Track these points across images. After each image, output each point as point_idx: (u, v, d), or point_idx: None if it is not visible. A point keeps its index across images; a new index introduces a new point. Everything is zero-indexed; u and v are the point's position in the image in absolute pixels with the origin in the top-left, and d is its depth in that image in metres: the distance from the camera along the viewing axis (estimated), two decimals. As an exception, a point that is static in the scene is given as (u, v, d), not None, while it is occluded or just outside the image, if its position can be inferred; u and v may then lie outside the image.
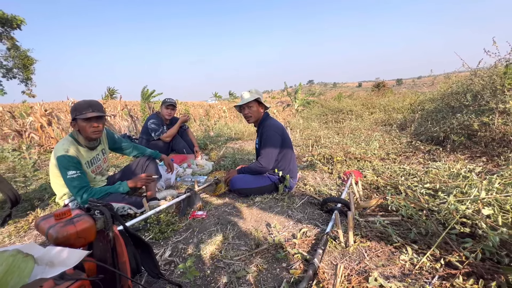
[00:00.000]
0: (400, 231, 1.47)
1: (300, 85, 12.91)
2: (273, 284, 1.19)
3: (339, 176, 2.61)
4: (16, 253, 0.77)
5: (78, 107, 1.74)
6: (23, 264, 0.74)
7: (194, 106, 16.60)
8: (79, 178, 1.72)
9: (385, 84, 15.60)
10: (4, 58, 12.38)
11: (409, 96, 7.86)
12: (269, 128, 2.17)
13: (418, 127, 3.88)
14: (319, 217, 1.81)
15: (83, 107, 1.73)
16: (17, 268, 0.73)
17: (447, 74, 5.64)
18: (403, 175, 2.31)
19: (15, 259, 0.75)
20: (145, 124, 3.43)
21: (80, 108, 1.73)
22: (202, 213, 1.93)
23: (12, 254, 0.76)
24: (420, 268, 1.20)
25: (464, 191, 1.54)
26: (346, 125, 5.43)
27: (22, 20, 11.70)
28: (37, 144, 5.06)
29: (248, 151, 4.10)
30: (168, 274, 1.32)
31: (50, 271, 0.76)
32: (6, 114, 7.61)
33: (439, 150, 2.94)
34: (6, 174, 3.37)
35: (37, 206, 2.25)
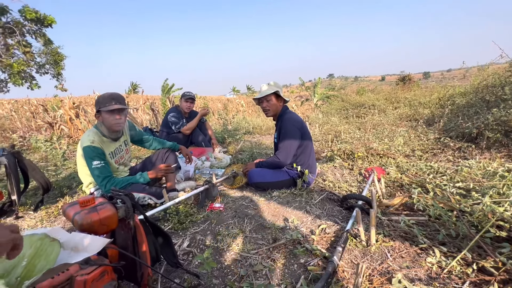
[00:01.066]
0: (426, 232, 1.39)
1: (319, 79, 12.59)
2: (290, 280, 1.17)
3: (360, 172, 2.51)
4: (44, 237, 0.79)
5: (101, 99, 1.80)
6: (50, 248, 0.77)
7: (212, 100, 16.78)
8: (102, 168, 1.79)
9: (411, 77, 14.77)
10: (38, 55, 13.17)
11: (438, 90, 7.40)
12: (288, 122, 2.12)
13: (448, 123, 3.64)
14: (338, 214, 1.75)
15: (106, 99, 1.80)
16: (44, 252, 0.76)
17: (481, 66, 5.23)
18: (430, 173, 2.17)
19: (43, 242, 0.78)
20: (165, 118, 3.50)
21: (104, 100, 1.79)
22: (220, 206, 1.94)
23: (40, 238, 0.79)
24: (449, 272, 1.12)
25: (501, 192, 1.41)
26: (368, 120, 5.22)
27: (53, 19, 12.36)
28: (66, 135, 5.36)
29: (266, 145, 4.07)
30: (186, 264, 1.34)
31: (75, 256, 0.78)
32: (39, 108, 8.14)
33: (471, 148, 2.74)
34: (39, 163, 3.60)
35: (66, 193, 2.38)
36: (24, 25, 11.88)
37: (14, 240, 0.48)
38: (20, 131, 5.89)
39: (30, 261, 0.73)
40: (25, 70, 12.18)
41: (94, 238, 0.84)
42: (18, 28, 11.55)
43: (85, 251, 0.80)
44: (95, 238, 0.84)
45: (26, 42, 12.23)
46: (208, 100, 14.80)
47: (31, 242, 0.78)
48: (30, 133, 5.70)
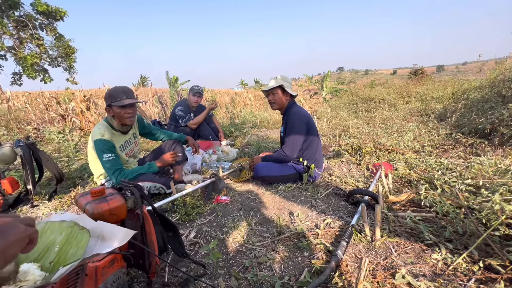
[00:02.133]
0: (433, 229, 1.37)
1: (328, 73, 12.38)
2: (294, 272, 1.19)
3: (368, 168, 2.49)
4: (73, 225, 0.83)
5: (113, 94, 1.82)
6: (79, 236, 0.80)
7: (220, 93, 16.79)
8: (113, 160, 1.84)
9: (424, 71, 14.33)
10: (50, 48, 13.43)
11: (451, 84, 7.18)
12: (294, 116, 2.12)
13: (460, 118, 3.55)
14: (344, 209, 1.75)
15: (118, 94, 1.82)
16: (75, 239, 0.79)
17: (499, 60, 5.03)
18: (439, 170, 2.13)
19: (72, 230, 0.81)
20: (173, 111, 3.54)
21: (115, 95, 1.82)
22: (226, 198, 1.97)
23: (70, 225, 0.82)
24: (455, 269, 1.11)
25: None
26: (377, 115, 5.13)
27: (65, 12, 12.52)
28: (78, 127, 5.49)
29: (273, 139, 4.07)
30: (192, 254, 1.38)
31: (102, 245, 0.81)
32: (52, 100, 8.34)
33: (484, 144, 2.67)
34: (52, 154, 3.72)
35: (78, 184, 2.46)
36: (36, 18, 12.09)
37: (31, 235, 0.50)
38: (34, 123, 6.07)
39: (61, 247, 0.76)
40: (38, 63, 12.46)
41: (120, 229, 0.86)
42: (31, 21, 11.77)
43: (112, 241, 0.82)
44: (121, 228, 0.87)
45: (39, 35, 12.46)
46: (216, 93, 14.81)
47: (61, 228, 0.81)
48: (43, 125, 5.86)
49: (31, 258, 0.72)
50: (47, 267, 0.70)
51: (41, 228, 0.80)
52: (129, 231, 0.85)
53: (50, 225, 0.83)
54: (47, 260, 0.72)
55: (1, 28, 10.77)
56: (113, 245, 0.80)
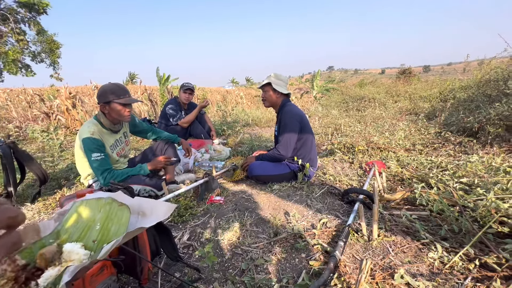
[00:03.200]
0: (428, 227, 1.38)
1: (318, 71, 12.45)
2: (292, 274, 1.16)
3: (361, 166, 2.50)
4: (111, 201, 0.79)
5: (114, 90, 1.75)
6: (120, 212, 0.76)
7: (211, 91, 16.61)
8: (102, 160, 1.75)
9: (411, 70, 14.66)
10: (33, 43, 12.89)
11: (438, 84, 7.36)
12: (287, 115, 2.10)
13: (449, 117, 3.62)
14: (339, 208, 1.74)
15: (120, 91, 1.77)
16: (115, 216, 0.75)
17: (482, 60, 5.18)
18: (431, 168, 2.16)
19: (111, 207, 0.78)
20: (163, 109, 3.45)
21: (117, 92, 1.76)
22: (220, 199, 1.93)
23: (108, 202, 0.78)
24: (451, 268, 1.12)
25: (505, 188, 1.40)
26: (368, 114, 5.18)
27: (47, 3, 12.01)
28: (63, 126, 5.29)
29: (266, 138, 4.04)
30: (186, 258, 1.33)
31: (144, 220, 0.77)
32: (36, 97, 8.01)
33: (472, 142, 2.73)
34: (36, 154, 3.55)
35: (63, 185, 2.35)
36: (18, 12, 11.56)
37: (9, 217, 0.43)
38: (16, 121, 5.81)
39: (103, 225, 0.72)
40: (19, 58, 11.93)
41: (160, 203, 0.81)
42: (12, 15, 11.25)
43: (153, 216, 0.77)
44: (161, 203, 0.81)
45: (20, 29, 11.93)
46: (207, 91, 14.65)
47: (99, 206, 0.77)
48: (26, 123, 5.61)
49: (74, 237, 0.69)
50: (91, 245, 0.68)
51: (77, 208, 0.77)
52: (170, 204, 0.80)
53: (88, 203, 0.79)
54: (90, 239, 0.70)
55: (-21, 21, 10.25)
56: (158, 218, 0.76)
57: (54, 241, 0.68)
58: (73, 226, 0.72)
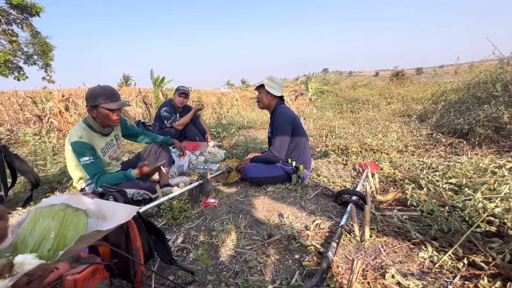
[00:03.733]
0: (419, 227, 1.41)
1: (313, 74, 12.57)
2: (285, 276, 1.17)
3: (354, 167, 2.53)
4: (65, 207, 0.75)
5: (102, 94, 1.71)
6: (76, 218, 0.73)
7: (206, 93, 16.59)
8: (92, 164, 1.74)
9: (404, 73, 14.89)
10: (25, 45, 12.73)
11: (430, 86, 7.49)
12: (280, 117, 2.12)
13: (440, 119, 3.69)
14: (333, 209, 1.76)
15: (107, 95, 1.72)
16: (71, 222, 0.72)
17: (472, 63, 5.30)
18: (422, 169, 2.20)
19: (66, 213, 0.74)
20: (158, 112, 3.44)
21: (105, 96, 1.71)
22: (214, 201, 1.93)
23: (61, 209, 0.75)
24: (441, 267, 1.14)
25: (492, 188, 1.44)
26: (362, 116, 5.25)
27: (42, 7, 11.90)
28: (56, 128, 5.23)
29: (261, 140, 4.06)
30: (180, 261, 1.33)
31: (104, 224, 0.74)
32: (28, 100, 7.90)
33: (462, 144, 2.79)
34: (28, 157, 3.50)
35: (56, 189, 2.33)
36: (10, 13, 11.41)
37: None
38: (7, 124, 5.72)
39: (58, 232, 0.69)
40: (11, 60, 11.76)
41: (121, 206, 0.79)
42: (4, 16, 11.10)
43: (114, 220, 0.75)
44: (121, 205, 0.80)
45: (12, 31, 11.78)
46: (202, 93, 14.63)
47: (52, 213, 0.74)
48: (18, 126, 5.53)
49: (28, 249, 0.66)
50: (46, 255, 0.65)
51: (32, 218, 0.73)
52: (132, 207, 0.77)
53: (41, 212, 0.75)
54: (44, 248, 0.67)
55: (-30, 22, 10.10)
56: (118, 221, 0.73)
57: (10, 254, 0.63)
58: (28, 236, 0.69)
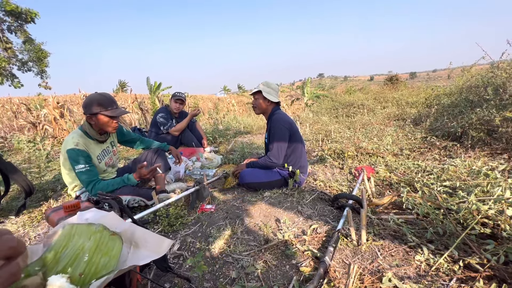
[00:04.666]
0: (415, 230, 1.41)
1: (309, 79, 12.69)
2: (283, 281, 1.17)
3: (350, 171, 2.54)
4: (102, 229, 0.72)
5: (101, 102, 1.71)
6: (111, 243, 0.69)
7: (203, 99, 16.62)
8: (87, 171, 1.72)
9: (399, 77, 15.12)
10: (19, 52, 12.67)
11: (424, 90, 7.61)
12: (276, 123, 2.13)
13: (434, 122, 3.74)
14: (329, 214, 1.76)
15: (107, 103, 1.72)
16: (105, 246, 0.68)
17: (464, 68, 5.41)
18: (417, 172, 2.22)
19: (102, 235, 0.70)
20: (154, 118, 3.43)
21: (105, 103, 1.71)
22: (211, 207, 1.92)
23: (99, 230, 0.71)
24: (437, 270, 1.14)
25: (485, 190, 1.46)
26: (357, 120, 5.30)
27: (36, 13, 11.89)
28: (51, 135, 5.18)
29: (257, 145, 4.06)
30: (176, 268, 1.32)
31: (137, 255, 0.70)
32: (22, 106, 7.83)
33: (456, 147, 2.82)
34: (22, 165, 3.46)
35: (50, 196, 2.30)
36: (4, 20, 11.39)
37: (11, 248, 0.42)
38: (1, 131, 5.65)
39: (91, 256, 0.66)
40: (5, 67, 11.69)
41: (154, 235, 0.74)
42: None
43: (148, 251, 0.70)
44: (155, 235, 0.74)
45: (7, 38, 11.73)
46: (199, 99, 14.65)
47: (89, 233, 0.70)
48: (12, 133, 5.47)
49: (59, 267, 0.63)
50: (77, 279, 0.61)
51: (67, 233, 0.70)
52: (168, 240, 0.73)
53: (77, 229, 0.71)
54: (76, 271, 0.63)
55: (-36, 30, 10.05)
56: (151, 256, 0.69)
57: (40, 268, 0.60)
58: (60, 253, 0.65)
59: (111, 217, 0.76)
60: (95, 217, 0.76)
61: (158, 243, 0.72)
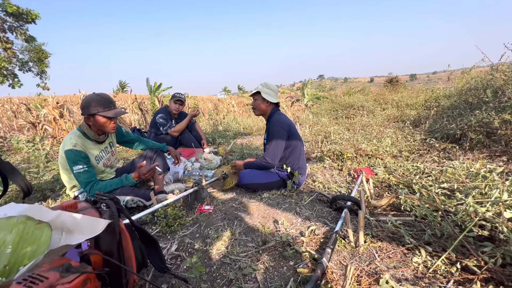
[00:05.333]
0: (413, 232, 1.41)
1: (309, 80, 12.72)
2: (280, 283, 1.17)
3: (349, 173, 2.54)
4: (25, 220, 0.71)
5: (99, 102, 1.71)
6: (37, 231, 0.70)
7: (203, 100, 16.64)
8: (85, 172, 1.72)
9: (399, 79, 15.13)
10: (20, 52, 12.70)
11: (424, 92, 7.61)
12: (275, 124, 2.13)
13: (433, 124, 3.74)
14: (328, 215, 1.76)
15: (105, 103, 1.72)
16: (31, 236, 0.69)
17: (464, 70, 5.42)
18: (416, 174, 2.22)
19: (26, 226, 0.70)
20: (153, 118, 3.44)
21: (102, 104, 1.71)
22: (209, 208, 1.92)
23: (22, 221, 0.71)
24: (434, 272, 1.14)
25: (483, 192, 1.46)
26: (357, 121, 5.30)
27: (37, 14, 11.93)
28: (50, 135, 5.18)
29: (257, 146, 4.07)
30: (174, 269, 1.31)
31: (70, 238, 0.71)
32: (22, 106, 7.84)
33: (455, 149, 2.83)
34: (21, 164, 3.46)
35: (48, 196, 2.30)
36: (5, 20, 11.41)
37: None
38: (1, 131, 5.66)
39: (16, 247, 0.66)
40: (6, 67, 11.71)
41: (85, 218, 0.76)
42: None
43: (81, 233, 0.72)
44: (86, 218, 0.77)
45: (7, 38, 11.75)
46: (199, 100, 14.67)
47: (9, 225, 0.70)
48: (11, 133, 5.47)
49: None
50: (2, 270, 0.63)
51: None
52: (102, 220, 0.75)
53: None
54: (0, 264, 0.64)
55: (-35, 30, 10.08)
56: (83, 236, 0.71)
57: None
58: None
59: (35, 208, 0.77)
60: (16, 210, 0.76)
61: (92, 225, 0.74)
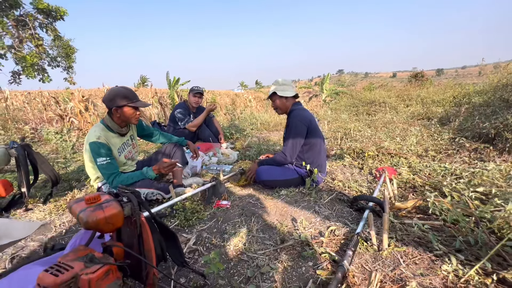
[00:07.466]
0: (442, 238, 1.33)
1: (328, 75, 12.38)
2: (298, 283, 1.14)
3: (371, 172, 2.44)
4: None
5: (127, 95, 1.79)
6: None
7: (220, 95, 16.74)
8: (108, 164, 1.78)
9: (424, 74, 14.35)
10: (49, 48, 13.37)
11: (452, 88, 7.16)
12: (295, 119, 2.08)
13: (463, 122, 3.51)
14: (348, 215, 1.70)
15: (132, 95, 1.82)
16: None
17: (498, 64, 5.02)
18: (444, 175, 2.09)
19: None
20: (172, 113, 3.49)
21: (130, 96, 1.80)
22: (227, 203, 1.92)
23: None
24: (467, 282, 1.06)
25: (525, 198, 1.33)
26: (378, 118, 5.09)
27: (65, 11, 12.48)
28: (76, 128, 5.43)
29: (274, 142, 4.02)
30: (192, 263, 1.32)
31: None
32: (51, 100, 8.27)
33: (488, 149, 2.63)
34: (50, 155, 3.65)
35: (74, 186, 2.40)
36: (36, 17, 12.04)
37: None
38: (32, 122, 6.00)
39: None
40: (37, 62, 12.39)
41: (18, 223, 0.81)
42: (31, 21, 11.72)
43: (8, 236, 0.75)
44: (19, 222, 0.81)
45: (38, 35, 12.41)
46: (216, 94, 14.76)
47: None
48: (41, 125, 5.79)
49: None
50: None
51: None
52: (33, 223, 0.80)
53: None
54: None
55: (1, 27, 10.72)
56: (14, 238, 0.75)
57: None
58: None
59: None
60: None
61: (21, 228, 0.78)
